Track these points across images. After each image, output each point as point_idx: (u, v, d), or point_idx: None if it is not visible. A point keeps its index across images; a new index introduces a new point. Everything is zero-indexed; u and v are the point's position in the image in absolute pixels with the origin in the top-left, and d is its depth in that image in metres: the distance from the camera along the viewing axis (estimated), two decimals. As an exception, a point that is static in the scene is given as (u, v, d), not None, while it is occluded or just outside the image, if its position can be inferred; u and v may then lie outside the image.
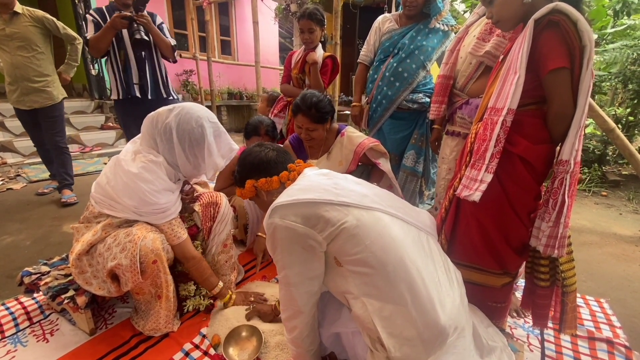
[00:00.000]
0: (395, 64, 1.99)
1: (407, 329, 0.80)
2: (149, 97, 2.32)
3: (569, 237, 1.03)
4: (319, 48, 2.23)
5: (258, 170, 1.03)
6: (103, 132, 4.82)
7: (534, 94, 0.99)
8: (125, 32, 2.17)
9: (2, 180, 3.24)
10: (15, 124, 4.20)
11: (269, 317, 1.36)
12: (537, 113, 1.01)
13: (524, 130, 1.00)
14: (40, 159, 3.95)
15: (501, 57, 1.14)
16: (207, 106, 5.80)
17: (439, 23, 1.93)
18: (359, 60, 2.23)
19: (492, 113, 1.02)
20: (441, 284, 0.87)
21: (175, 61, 2.42)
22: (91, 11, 2.22)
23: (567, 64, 0.90)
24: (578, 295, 1.64)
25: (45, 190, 2.88)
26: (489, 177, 0.99)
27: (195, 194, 1.49)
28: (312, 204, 0.84)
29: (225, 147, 1.36)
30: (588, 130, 4.88)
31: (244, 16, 7.31)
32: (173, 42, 2.33)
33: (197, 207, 1.43)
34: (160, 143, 1.25)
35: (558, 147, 1.01)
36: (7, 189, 3.03)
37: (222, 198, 1.53)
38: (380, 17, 2.12)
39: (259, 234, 1.83)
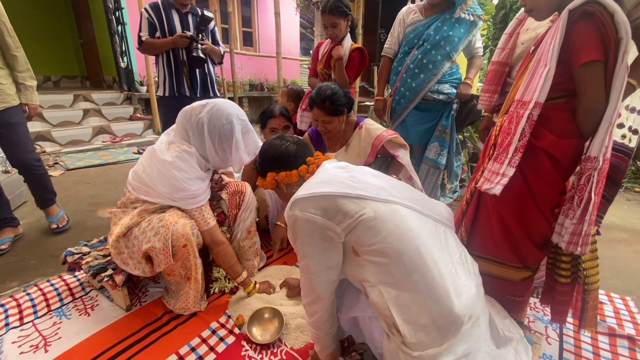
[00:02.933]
0: (419, 56, 1.96)
1: (422, 317, 0.82)
2: (197, 95, 2.38)
3: (594, 235, 1.00)
4: (347, 39, 2.14)
5: (278, 163, 1.06)
6: (132, 123, 5.04)
7: (564, 87, 0.96)
8: (183, 51, 2.25)
9: (42, 167, 3.46)
10: (53, 115, 4.49)
11: (296, 290, 1.48)
12: (566, 107, 0.97)
13: (550, 124, 0.98)
14: (77, 148, 4.21)
15: (532, 48, 1.10)
16: (229, 98, 5.90)
17: (464, 13, 1.88)
18: (382, 53, 2.20)
19: (518, 106, 0.99)
20: (457, 274, 0.89)
21: (221, 63, 2.49)
22: (147, 7, 2.20)
23: (601, 57, 0.86)
24: (602, 292, 1.62)
25: (60, 226, 2.22)
26: (511, 171, 0.97)
27: (222, 183, 1.56)
28: (331, 197, 0.86)
29: (252, 144, 1.42)
30: (623, 122, 4.61)
31: (266, 7, 7.33)
32: (223, 49, 2.40)
33: (224, 195, 1.51)
34: (192, 136, 1.32)
35: (587, 143, 0.97)
36: (47, 176, 3.25)
37: (247, 187, 1.60)
38: (404, 9, 2.07)
39: (278, 222, 1.90)
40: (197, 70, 2.33)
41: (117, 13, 4.95)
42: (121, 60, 5.16)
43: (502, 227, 1.10)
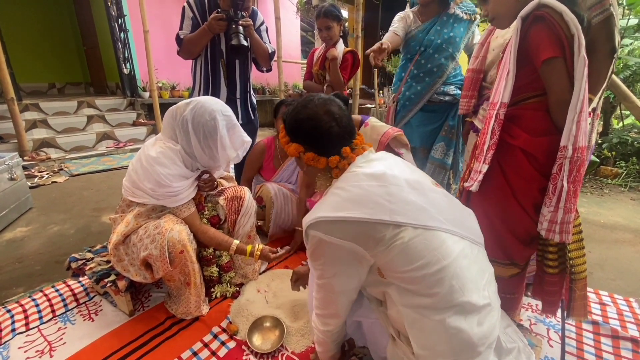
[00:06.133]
0: (423, 61, 1.98)
1: (441, 345, 0.78)
2: (240, 122, 1.86)
3: (579, 225, 1.05)
4: (340, 43, 2.23)
5: (312, 140, 0.90)
6: (135, 128, 5.08)
7: (534, 86, 1.03)
8: (223, 39, 1.85)
9: (47, 174, 3.51)
10: (57, 122, 4.54)
11: (306, 279, 1.36)
12: (539, 106, 1.03)
13: (523, 124, 1.04)
14: (81, 154, 4.25)
15: (501, 55, 1.17)
16: (231, 102, 5.88)
17: (459, 9, 1.90)
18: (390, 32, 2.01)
19: (490, 108, 1.08)
20: (486, 306, 0.81)
21: (269, 70, 2.08)
22: (190, 1, 1.83)
23: (559, 53, 0.93)
24: (606, 293, 1.62)
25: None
26: (485, 168, 1.05)
27: (220, 189, 1.57)
28: (363, 224, 0.77)
29: (238, 139, 1.43)
30: (628, 121, 4.58)
31: (267, 11, 7.37)
32: (271, 48, 1.98)
33: (221, 200, 1.51)
34: (179, 134, 1.34)
35: None
36: (52, 182, 3.29)
37: (246, 192, 1.61)
38: (402, 14, 2.07)
39: (298, 227, 1.94)
40: (238, 87, 1.95)
41: (119, 20, 5.01)
42: (124, 67, 5.21)
43: (487, 224, 1.12)
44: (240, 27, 1.77)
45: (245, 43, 1.78)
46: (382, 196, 0.78)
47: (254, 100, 2.16)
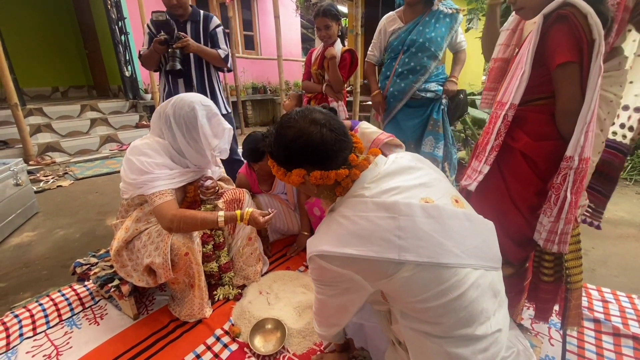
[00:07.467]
0: (407, 59, 2.04)
1: None
2: None
3: (578, 235, 1.03)
4: (338, 43, 2.26)
5: (310, 158, 0.79)
6: (138, 131, 5.12)
7: (543, 89, 0.99)
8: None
9: (52, 178, 3.55)
10: (61, 126, 4.59)
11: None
12: (544, 109, 1.00)
13: (526, 127, 1.01)
14: (85, 157, 4.29)
15: (516, 50, 1.12)
16: (232, 102, 5.93)
17: (442, 5, 1.93)
18: (366, 59, 2.25)
19: (498, 107, 1.04)
20: (498, 332, 0.76)
21: (229, 70, 2.29)
22: (149, 21, 2.08)
23: (576, 59, 0.88)
24: (608, 290, 1.61)
25: None
26: (486, 169, 1.03)
27: (220, 191, 1.58)
28: (367, 261, 0.71)
29: (219, 127, 1.46)
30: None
31: (266, 9, 7.35)
32: (222, 52, 2.15)
33: (220, 203, 1.52)
34: (164, 132, 1.38)
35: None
36: (57, 186, 3.33)
37: (245, 194, 1.62)
38: (384, 18, 2.15)
39: (304, 232, 1.98)
40: (194, 80, 2.15)
41: (119, 23, 5.03)
42: (125, 69, 5.24)
43: None
44: (178, 51, 1.96)
45: (178, 67, 1.97)
46: (392, 231, 0.71)
47: (225, 106, 2.29)
